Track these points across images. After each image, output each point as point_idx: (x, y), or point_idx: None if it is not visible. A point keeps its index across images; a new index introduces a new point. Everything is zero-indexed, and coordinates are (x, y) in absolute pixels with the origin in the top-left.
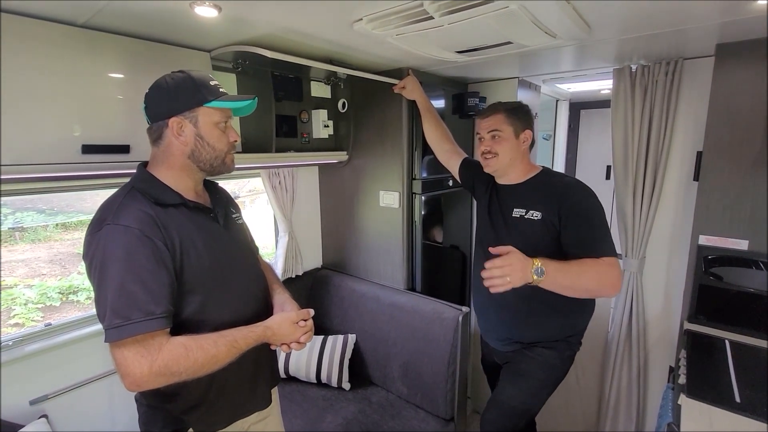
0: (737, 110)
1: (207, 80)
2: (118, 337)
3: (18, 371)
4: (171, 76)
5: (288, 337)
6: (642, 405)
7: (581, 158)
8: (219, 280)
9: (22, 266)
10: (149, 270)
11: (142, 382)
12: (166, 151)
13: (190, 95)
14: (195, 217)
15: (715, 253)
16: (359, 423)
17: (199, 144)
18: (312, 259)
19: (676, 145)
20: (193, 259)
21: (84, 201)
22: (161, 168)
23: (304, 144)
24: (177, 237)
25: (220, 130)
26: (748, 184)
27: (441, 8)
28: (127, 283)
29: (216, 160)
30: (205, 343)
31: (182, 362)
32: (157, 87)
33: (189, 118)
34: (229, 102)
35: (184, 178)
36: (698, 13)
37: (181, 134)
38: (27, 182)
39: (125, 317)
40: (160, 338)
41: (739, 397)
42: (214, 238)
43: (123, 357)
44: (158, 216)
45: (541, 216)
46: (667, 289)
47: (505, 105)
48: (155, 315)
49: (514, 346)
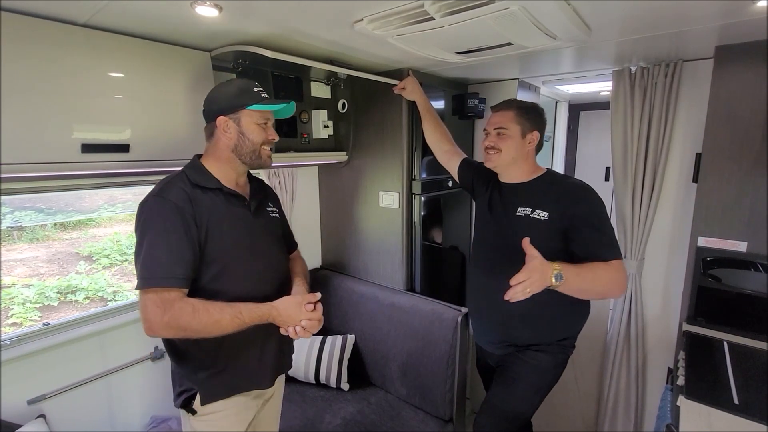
0: (736, 112)
1: (251, 87)
2: (144, 285)
3: (16, 371)
4: (222, 84)
5: (293, 318)
6: (640, 406)
7: (580, 159)
8: (238, 259)
9: (21, 265)
10: (177, 238)
11: (155, 327)
12: (215, 145)
13: (235, 99)
14: (228, 202)
15: (714, 255)
16: (358, 423)
17: (241, 139)
18: (311, 260)
19: (675, 147)
20: (216, 236)
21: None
22: (210, 159)
23: (303, 144)
24: (206, 215)
25: (260, 128)
26: (747, 186)
27: (442, 9)
28: (157, 246)
29: (254, 153)
30: (212, 308)
31: (187, 318)
32: (211, 93)
33: (233, 118)
34: (268, 105)
35: (227, 169)
36: (698, 15)
37: (227, 131)
38: (26, 181)
39: (152, 272)
40: (176, 294)
41: (738, 399)
42: (241, 223)
43: (144, 303)
44: (194, 195)
45: (548, 216)
46: (666, 291)
47: (518, 103)
48: (175, 276)
49: (507, 350)
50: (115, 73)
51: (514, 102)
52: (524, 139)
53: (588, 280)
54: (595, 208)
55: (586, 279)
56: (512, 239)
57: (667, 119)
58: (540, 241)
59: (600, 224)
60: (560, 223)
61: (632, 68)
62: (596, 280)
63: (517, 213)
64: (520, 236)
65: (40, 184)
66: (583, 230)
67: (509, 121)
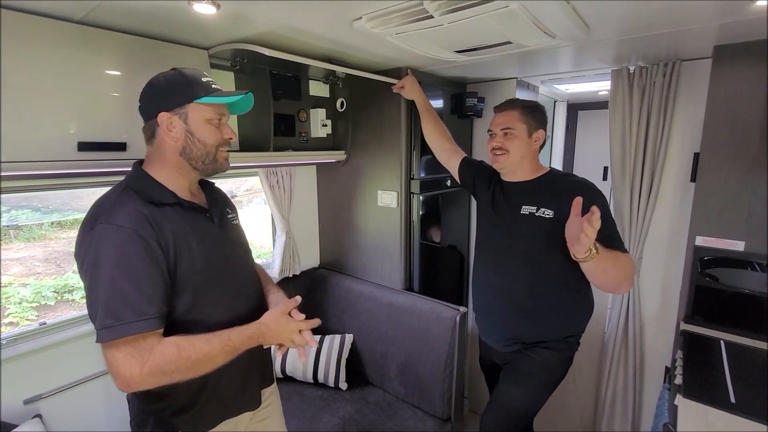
0: (734, 112)
1: (199, 77)
2: (110, 337)
3: (12, 370)
4: (163, 74)
5: (284, 332)
6: (638, 405)
7: (579, 159)
8: (213, 280)
9: (17, 265)
10: (142, 270)
11: (133, 382)
12: (159, 148)
13: (180, 92)
14: (190, 217)
15: (712, 254)
16: (356, 423)
17: (190, 140)
18: (309, 259)
19: (673, 147)
20: (186, 258)
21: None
22: (155, 166)
23: (302, 143)
24: (171, 236)
25: (212, 126)
26: (745, 186)
27: (441, 7)
28: (119, 283)
29: (207, 156)
30: (197, 342)
31: (174, 362)
32: (150, 85)
33: (179, 114)
34: (220, 98)
35: (178, 177)
36: (696, 15)
37: (171, 130)
38: (22, 179)
39: (117, 317)
40: (152, 339)
41: (735, 398)
42: (209, 238)
43: (114, 358)
44: (152, 215)
45: (554, 214)
46: (664, 290)
47: (522, 102)
48: (148, 315)
49: (515, 347)
50: (111, 71)
51: (517, 101)
52: (531, 138)
53: (612, 263)
54: (600, 204)
55: (610, 261)
56: (517, 237)
57: (666, 119)
58: (545, 238)
59: (605, 220)
60: (565, 220)
61: (631, 68)
62: (617, 265)
63: (521, 211)
64: (525, 235)
65: (36, 182)
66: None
67: (515, 120)
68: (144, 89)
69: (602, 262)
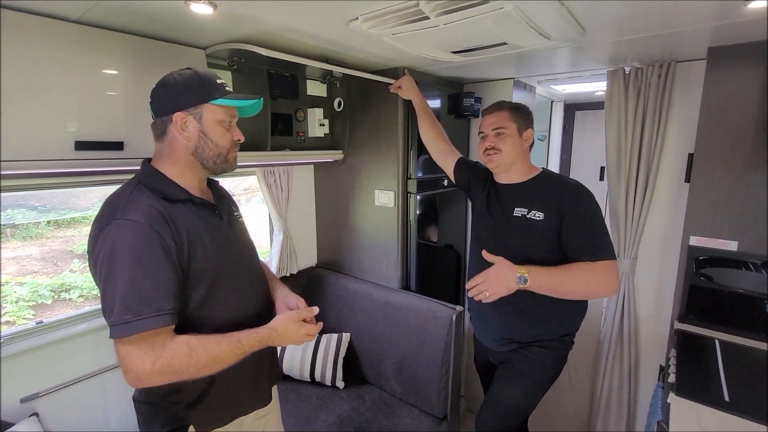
0: (728, 113)
1: (214, 78)
2: (128, 332)
3: (9, 369)
4: (179, 72)
5: (292, 336)
6: (633, 403)
7: (575, 159)
8: (225, 276)
9: (13, 263)
10: (159, 266)
11: (145, 378)
12: (170, 146)
13: (196, 92)
14: (202, 214)
15: (706, 254)
16: (353, 421)
17: (203, 140)
18: (307, 258)
19: (668, 147)
20: (200, 254)
21: (77, 198)
22: (165, 164)
23: (299, 142)
24: (185, 233)
25: (224, 128)
26: (739, 186)
27: (436, 8)
28: (137, 279)
29: (219, 157)
30: (209, 343)
31: (185, 361)
32: (164, 83)
33: (193, 114)
34: (235, 100)
35: (188, 175)
36: (690, 16)
37: (184, 129)
38: (19, 178)
39: (136, 312)
40: (166, 335)
41: (728, 396)
42: (220, 234)
43: (128, 352)
44: (166, 211)
45: (544, 217)
46: (659, 289)
47: (509, 104)
48: (164, 311)
49: (510, 346)
50: (108, 70)
51: (504, 103)
52: (521, 136)
53: (558, 280)
54: (587, 209)
55: (555, 279)
56: (510, 240)
57: (661, 119)
58: (536, 241)
59: (590, 225)
60: (555, 223)
61: (626, 69)
62: (569, 280)
63: (514, 214)
64: (517, 237)
65: (33, 181)
66: (572, 230)
67: (506, 120)
68: (157, 86)
69: (543, 286)
